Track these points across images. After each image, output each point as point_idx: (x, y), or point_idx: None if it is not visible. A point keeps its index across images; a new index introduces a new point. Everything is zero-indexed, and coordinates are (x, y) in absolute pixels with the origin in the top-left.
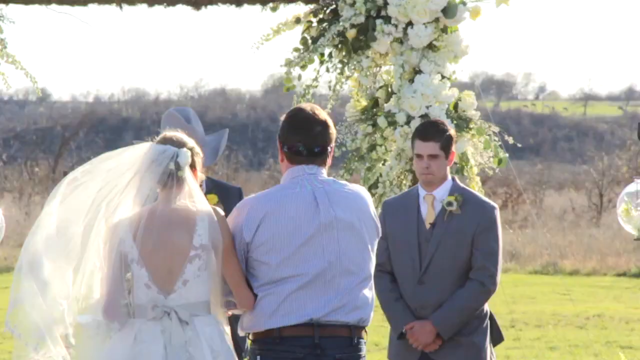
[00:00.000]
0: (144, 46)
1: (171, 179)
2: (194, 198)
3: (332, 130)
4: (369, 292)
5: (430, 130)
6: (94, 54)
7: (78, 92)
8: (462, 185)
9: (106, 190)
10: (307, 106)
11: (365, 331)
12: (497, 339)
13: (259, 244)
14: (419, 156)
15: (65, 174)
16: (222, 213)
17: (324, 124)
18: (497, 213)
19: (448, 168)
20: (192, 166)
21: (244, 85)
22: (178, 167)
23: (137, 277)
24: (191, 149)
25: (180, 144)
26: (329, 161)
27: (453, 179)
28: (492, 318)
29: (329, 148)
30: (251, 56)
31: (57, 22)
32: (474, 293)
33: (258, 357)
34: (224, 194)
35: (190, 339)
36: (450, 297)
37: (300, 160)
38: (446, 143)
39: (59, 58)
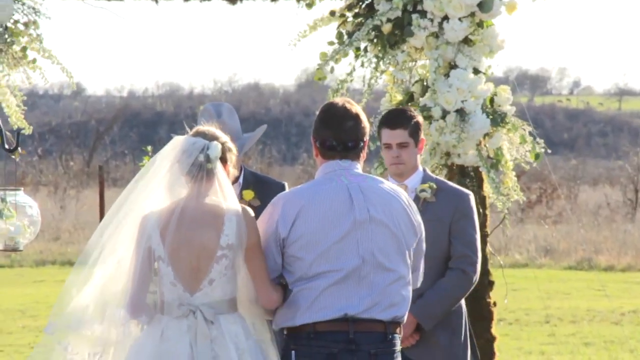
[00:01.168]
0: (179, 40)
1: (201, 171)
2: (223, 193)
3: (365, 124)
4: (405, 291)
5: (397, 117)
6: (129, 48)
7: (112, 86)
8: (432, 175)
9: (143, 183)
10: (339, 100)
11: (400, 326)
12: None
13: (295, 240)
14: (388, 145)
15: (100, 168)
16: (251, 212)
17: (356, 118)
18: (472, 200)
19: (418, 157)
20: (224, 160)
21: (277, 79)
22: (208, 160)
23: (163, 274)
24: (223, 143)
25: (212, 137)
26: (363, 155)
27: (424, 169)
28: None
29: (362, 142)
30: (285, 51)
31: (93, 17)
32: (456, 281)
33: (292, 352)
34: (266, 189)
35: (216, 338)
36: (430, 287)
37: (333, 155)
38: (415, 129)
39: (93, 52)
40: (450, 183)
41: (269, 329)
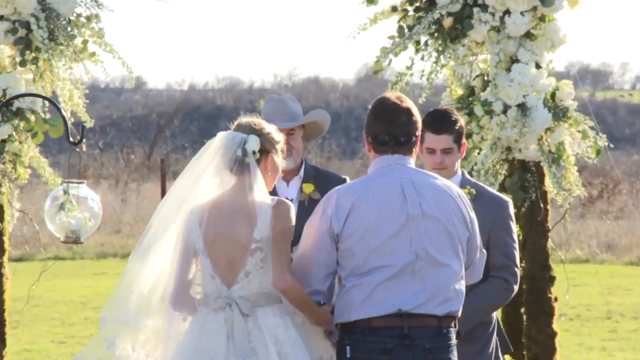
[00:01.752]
0: (239, 34)
1: (240, 165)
2: (255, 187)
3: (417, 119)
4: (459, 285)
5: (442, 122)
6: (190, 42)
7: (173, 80)
8: (472, 179)
9: (191, 178)
10: (391, 95)
11: (455, 320)
12: (503, 349)
13: (349, 235)
14: (431, 151)
15: (161, 161)
16: (288, 204)
17: (408, 113)
18: (511, 207)
19: (459, 161)
20: (265, 152)
21: (337, 74)
22: (245, 154)
23: (203, 267)
24: (262, 135)
25: (250, 130)
26: (416, 150)
27: (462, 173)
28: (499, 328)
29: (414, 137)
30: (345, 45)
31: (154, 10)
32: (498, 289)
33: (347, 348)
34: (327, 183)
35: (252, 330)
36: (470, 292)
37: (385, 149)
38: (459, 135)
39: (154, 46)
40: (489, 189)
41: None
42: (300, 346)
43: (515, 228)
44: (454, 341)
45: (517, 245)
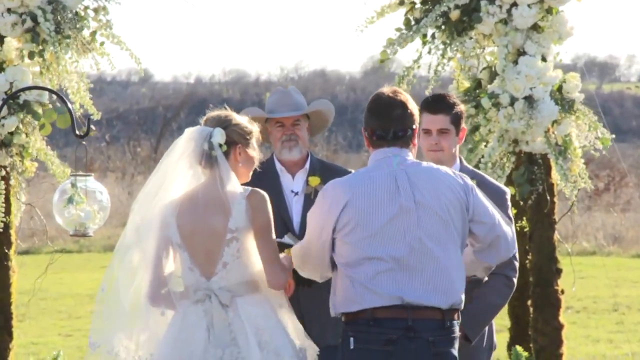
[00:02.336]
0: (245, 27)
1: (208, 159)
2: (224, 179)
3: (413, 112)
4: (459, 276)
5: (439, 102)
6: (196, 35)
7: (180, 73)
8: (470, 167)
9: (163, 176)
10: (386, 90)
11: (458, 312)
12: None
13: (344, 225)
14: (427, 131)
15: None
16: (263, 195)
17: (403, 106)
18: (509, 197)
19: (457, 147)
20: (233, 144)
21: (343, 66)
22: (211, 147)
23: (182, 260)
24: (231, 127)
25: (217, 123)
26: (414, 143)
27: (461, 160)
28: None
29: (410, 130)
30: (351, 38)
31: (161, 3)
32: (500, 289)
33: (351, 339)
34: (333, 176)
35: (233, 321)
36: (475, 297)
37: (381, 144)
38: (456, 118)
39: (161, 39)
40: (488, 178)
41: (289, 309)
42: (281, 334)
43: (513, 217)
44: (457, 334)
45: (515, 236)
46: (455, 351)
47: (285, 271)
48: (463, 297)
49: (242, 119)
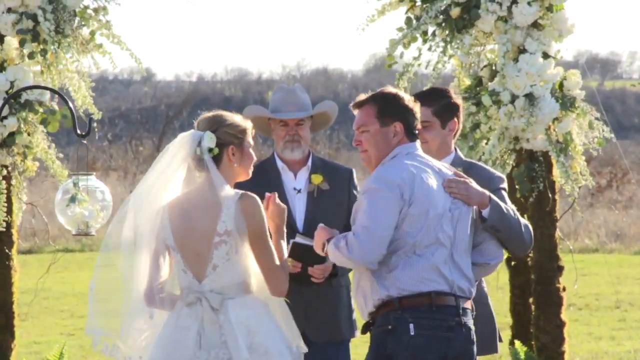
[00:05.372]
0: (247, 25)
1: (200, 163)
2: (218, 181)
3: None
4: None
5: (421, 96)
6: (197, 33)
7: (182, 71)
8: (466, 158)
9: (155, 179)
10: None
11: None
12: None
13: (409, 214)
14: None
15: None
16: (255, 199)
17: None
18: (505, 185)
19: (453, 140)
20: (226, 144)
21: (345, 64)
22: (203, 152)
23: (176, 262)
24: (221, 129)
25: (207, 126)
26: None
27: (455, 150)
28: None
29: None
30: (353, 35)
31: (162, 2)
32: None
33: (411, 325)
34: (334, 174)
35: (224, 324)
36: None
37: (412, 137)
38: (441, 109)
39: (162, 38)
40: (485, 167)
41: (285, 309)
42: (273, 335)
43: (511, 205)
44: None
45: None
46: None
47: (284, 277)
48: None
49: (234, 118)
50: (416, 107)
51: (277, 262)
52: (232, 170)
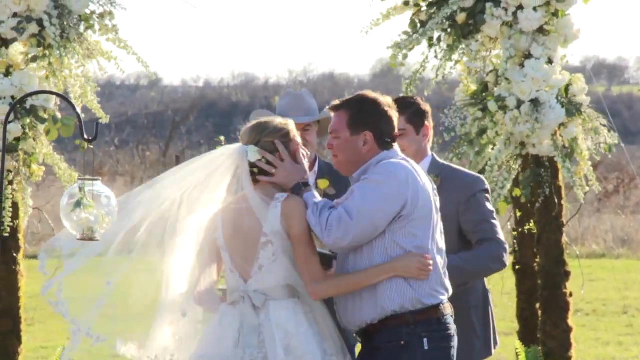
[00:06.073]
0: (254, 30)
1: (247, 173)
2: (264, 188)
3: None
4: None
5: (395, 104)
6: (204, 38)
7: (188, 76)
8: (442, 162)
9: (189, 187)
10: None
11: None
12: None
13: (416, 216)
14: None
15: (177, 158)
16: (297, 199)
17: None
18: (484, 184)
19: (428, 144)
20: (275, 149)
21: (352, 69)
22: (250, 165)
23: (225, 262)
24: (263, 140)
25: (250, 139)
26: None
27: (432, 156)
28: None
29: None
30: (360, 40)
31: (168, 8)
32: (492, 250)
33: (425, 340)
34: (341, 178)
35: (263, 323)
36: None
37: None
38: (413, 116)
39: (170, 43)
40: (461, 170)
41: (329, 315)
42: (310, 340)
43: (489, 206)
44: None
45: (496, 222)
46: None
47: (317, 283)
48: None
49: (273, 123)
50: (394, 114)
51: (316, 265)
52: (285, 168)
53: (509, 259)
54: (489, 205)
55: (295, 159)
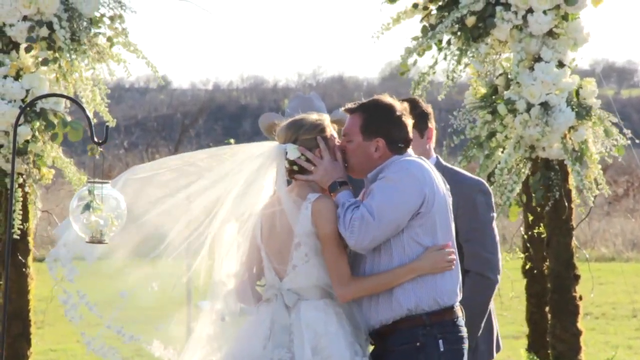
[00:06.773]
0: (263, 34)
1: (281, 174)
2: (300, 186)
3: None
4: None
5: None
6: (213, 41)
7: (198, 79)
8: (446, 164)
9: (228, 186)
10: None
11: None
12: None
13: (428, 217)
14: None
15: None
16: (327, 200)
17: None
18: (484, 188)
19: (432, 146)
20: (314, 146)
21: (361, 72)
22: (291, 163)
23: (263, 260)
24: (300, 137)
25: (287, 139)
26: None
27: (437, 158)
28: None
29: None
30: (369, 43)
31: (178, 11)
32: (475, 287)
33: (440, 342)
34: (350, 180)
35: (294, 322)
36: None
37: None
38: (417, 119)
39: (179, 46)
40: (462, 172)
41: (354, 317)
42: (339, 341)
43: (486, 211)
44: None
45: (491, 230)
46: None
47: (345, 285)
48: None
49: (309, 119)
50: (408, 120)
51: (344, 267)
52: (327, 163)
53: (500, 268)
54: (486, 211)
55: (333, 155)
